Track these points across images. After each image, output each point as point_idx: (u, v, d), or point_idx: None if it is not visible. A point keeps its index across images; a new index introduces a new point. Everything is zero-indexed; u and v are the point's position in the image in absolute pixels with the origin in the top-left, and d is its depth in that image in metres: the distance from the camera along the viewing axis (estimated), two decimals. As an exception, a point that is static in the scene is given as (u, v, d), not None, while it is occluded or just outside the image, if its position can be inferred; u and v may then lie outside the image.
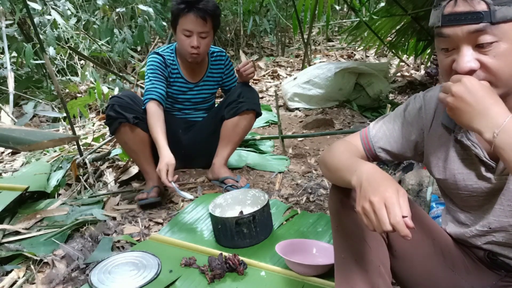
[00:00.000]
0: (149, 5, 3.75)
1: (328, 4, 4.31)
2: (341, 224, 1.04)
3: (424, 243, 1.08)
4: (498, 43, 0.82)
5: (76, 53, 3.74)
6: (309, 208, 1.96)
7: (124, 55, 3.81)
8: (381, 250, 1.02)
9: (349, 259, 1.02)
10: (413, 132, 1.06)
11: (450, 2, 0.84)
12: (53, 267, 1.57)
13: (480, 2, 0.81)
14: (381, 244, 1.03)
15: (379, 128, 1.11)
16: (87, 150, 2.53)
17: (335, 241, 1.07)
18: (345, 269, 1.03)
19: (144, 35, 3.67)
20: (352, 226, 1.02)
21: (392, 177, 0.88)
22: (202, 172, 2.36)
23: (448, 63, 0.88)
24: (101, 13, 3.75)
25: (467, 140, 0.95)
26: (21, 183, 2.06)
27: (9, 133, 0.74)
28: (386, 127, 1.10)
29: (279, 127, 2.62)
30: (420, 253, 1.07)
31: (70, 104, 2.66)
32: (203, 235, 1.77)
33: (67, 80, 3.79)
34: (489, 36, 0.82)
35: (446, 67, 0.89)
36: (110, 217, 1.92)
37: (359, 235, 1.01)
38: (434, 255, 1.08)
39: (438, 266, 1.07)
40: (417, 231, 1.04)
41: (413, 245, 1.06)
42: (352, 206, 0.99)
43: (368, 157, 1.11)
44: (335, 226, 1.06)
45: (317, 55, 5.62)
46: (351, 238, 1.03)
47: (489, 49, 0.83)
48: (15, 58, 3.72)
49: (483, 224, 0.99)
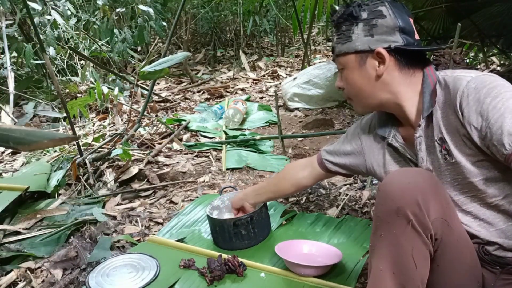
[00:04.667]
0: (149, 5, 3.75)
1: (328, 4, 4.31)
2: (390, 233, 0.97)
3: (466, 256, 1.05)
4: (343, 70, 1.16)
5: (76, 53, 3.74)
6: (309, 208, 1.96)
7: (124, 55, 3.81)
8: (425, 269, 0.98)
9: (387, 272, 0.97)
10: (350, 147, 1.37)
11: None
12: (53, 268, 1.57)
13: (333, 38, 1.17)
14: (427, 263, 0.99)
15: (333, 144, 1.46)
16: (87, 150, 2.53)
17: (376, 249, 1.01)
18: (379, 281, 0.98)
19: (144, 35, 3.67)
20: (402, 239, 0.96)
21: None
22: (202, 172, 2.36)
23: None
24: (101, 13, 3.75)
25: (396, 142, 1.17)
26: (21, 183, 2.06)
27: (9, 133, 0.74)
28: (336, 144, 1.44)
29: (279, 127, 2.62)
30: (463, 266, 1.04)
31: (70, 104, 2.65)
32: (201, 237, 1.77)
33: (67, 80, 3.79)
34: (338, 64, 1.17)
35: None
36: (110, 217, 1.92)
37: (407, 251, 0.95)
38: (473, 269, 1.06)
39: (473, 280, 1.06)
40: (462, 244, 1.04)
41: (458, 258, 1.03)
42: (408, 219, 0.95)
43: (319, 165, 1.49)
44: (381, 234, 0.99)
45: (317, 55, 5.62)
46: (397, 251, 0.97)
47: (342, 74, 1.17)
48: (15, 58, 3.73)
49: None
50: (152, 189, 2.21)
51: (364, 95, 1.14)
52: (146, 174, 2.30)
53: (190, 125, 3.11)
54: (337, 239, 1.67)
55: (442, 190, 1.03)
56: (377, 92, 1.12)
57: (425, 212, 0.95)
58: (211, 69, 5.24)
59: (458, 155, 1.02)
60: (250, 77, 4.67)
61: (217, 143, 2.76)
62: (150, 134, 2.91)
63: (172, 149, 2.69)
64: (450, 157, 1.04)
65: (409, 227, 0.94)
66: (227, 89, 4.24)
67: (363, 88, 1.13)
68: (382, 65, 1.09)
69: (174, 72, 4.95)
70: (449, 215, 1.01)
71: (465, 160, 1.02)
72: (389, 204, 0.98)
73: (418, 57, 1.11)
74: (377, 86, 1.11)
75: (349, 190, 2.06)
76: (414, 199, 0.95)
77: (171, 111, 3.66)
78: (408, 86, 1.10)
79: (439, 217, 0.97)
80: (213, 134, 2.98)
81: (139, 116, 2.93)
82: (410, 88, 1.10)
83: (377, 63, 1.09)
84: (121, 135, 2.68)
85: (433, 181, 1.01)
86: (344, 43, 1.12)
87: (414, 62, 1.10)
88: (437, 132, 1.05)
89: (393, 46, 1.07)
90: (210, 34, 5.62)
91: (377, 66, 1.09)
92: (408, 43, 1.07)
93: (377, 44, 1.07)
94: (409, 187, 0.96)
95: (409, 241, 0.95)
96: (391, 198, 0.98)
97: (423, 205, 0.95)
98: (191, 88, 4.37)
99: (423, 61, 1.12)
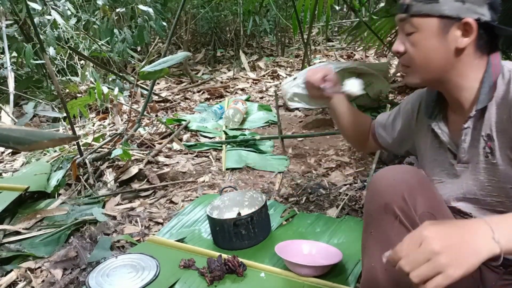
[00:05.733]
0: (149, 5, 3.75)
1: (328, 4, 4.31)
2: (379, 230, 0.99)
3: None
4: (415, 34, 0.99)
5: (76, 53, 3.74)
6: (309, 208, 1.96)
7: (124, 55, 3.80)
8: None
9: (379, 269, 0.97)
10: (400, 123, 1.24)
11: None
12: (53, 268, 1.57)
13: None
14: None
15: (384, 115, 1.32)
16: (87, 150, 2.53)
17: (367, 246, 1.02)
18: (373, 278, 0.99)
19: (144, 35, 3.67)
20: (392, 235, 0.96)
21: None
22: (202, 172, 2.36)
23: None
24: (101, 13, 3.74)
25: (438, 128, 1.08)
26: (21, 183, 2.07)
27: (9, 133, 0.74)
28: (386, 115, 1.32)
29: (279, 127, 2.62)
30: None
31: (70, 104, 2.65)
32: (201, 237, 1.77)
33: (67, 80, 3.79)
34: (409, 25, 0.99)
35: None
36: (110, 217, 1.92)
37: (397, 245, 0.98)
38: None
39: (468, 277, 1.04)
40: None
41: None
42: (396, 214, 0.96)
43: (372, 136, 1.34)
44: (371, 231, 1.01)
45: (317, 55, 5.61)
46: (387, 247, 0.95)
47: (410, 37, 0.99)
48: (15, 58, 3.72)
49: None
50: (152, 189, 2.21)
51: (431, 67, 0.99)
52: (146, 174, 2.30)
53: (190, 125, 3.11)
54: (337, 239, 1.67)
55: (429, 185, 1.04)
56: (447, 68, 0.99)
57: (411, 207, 0.97)
58: (211, 69, 5.24)
59: (501, 158, 0.96)
60: (250, 77, 4.67)
61: (217, 143, 2.76)
62: (150, 134, 2.91)
63: (172, 149, 2.69)
64: (492, 157, 0.97)
65: (397, 222, 0.96)
66: (227, 89, 4.24)
67: (434, 59, 0.98)
68: (465, 38, 0.95)
69: (174, 72, 4.95)
70: (437, 209, 1.01)
71: (506, 165, 0.96)
72: (377, 201, 1.00)
73: (495, 40, 0.99)
74: (450, 61, 0.98)
75: (349, 190, 2.06)
76: (400, 194, 0.97)
77: (171, 111, 3.66)
78: (474, 71, 0.99)
79: (425, 211, 0.98)
80: (213, 134, 2.98)
81: (139, 116, 2.93)
82: (474, 73, 0.99)
83: (460, 34, 0.95)
84: (121, 135, 2.68)
85: (419, 177, 1.02)
86: (428, 3, 0.95)
87: (488, 44, 0.98)
88: (487, 128, 0.97)
89: (483, 19, 0.94)
90: (210, 34, 5.62)
91: (459, 39, 0.95)
92: (493, 20, 0.96)
93: (467, 14, 0.93)
94: (395, 183, 0.99)
95: (398, 236, 0.95)
96: (379, 195, 1.00)
97: (409, 200, 0.96)
98: (191, 88, 4.37)
99: (494, 46, 1.00)
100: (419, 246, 0.71)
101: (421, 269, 0.70)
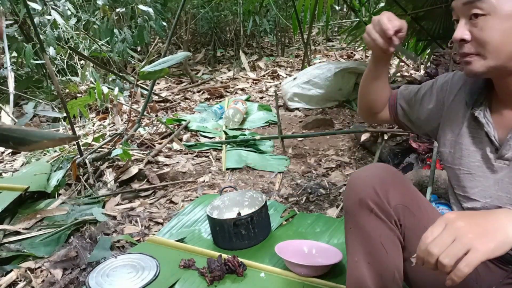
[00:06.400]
0: (149, 5, 3.75)
1: (328, 4, 4.31)
2: (357, 225, 1.02)
3: None
4: (486, 17, 0.88)
5: (76, 53, 3.74)
6: (308, 208, 1.96)
7: (124, 55, 3.80)
8: (397, 255, 1.00)
9: (362, 263, 0.99)
10: (432, 102, 1.13)
11: None
12: (53, 268, 1.58)
13: None
14: (397, 249, 1.00)
15: (410, 88, 1.19)
16: (87, 150, 2.53)
17: (349, 243, 1.04)
18: (357, 273, 1.00)
19: (144, 35, 3.67)
20: (369, 228, 0.99)
21: None
22: (202, 172, 2.36)
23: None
24: (101, 13, 3.74)
25: (483, 117, 0.99)
26: (21, 183, 2.07)
27: (9, 133, 0.74)
28: (413, 89, 1.18)
29: (279, 127, 2.62)
30: None
31: (70, 104, 2.65)
32: (201, 237, 1.77)
33: (67, 80, 3.79)
34: (478, 9, 0.88)
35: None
36: (110, 217, 1.92)
37: (375, 238, 0.99)
38: None
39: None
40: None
41: None
42: (370, 208, 0.98)
43: (389, 107, 1.21)
44: (350, 227, 1.03)
45: (317, 55, 5.61)
46: (366, 240, 1.00)
47: (478, 21, 0.88)
48: (15, 58, 3.72)
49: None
50: (152, 189, 2.21)
51: (505, 53, 0.89)
52: (146, 174, 2.30)
53: (190, 125, 3.11)
54: (337, 239, 1.67)
55: (403, 180, 1.06)
56: None
57: (384, 200, 0.98)
58: (211, 69, 5.24)
59: None
60: (250, 77, 4.67)
61: (217, 143, 2.76)
62: (150, 134, 2.91)
63: (172, 149, 2.69)
64: None
65: (372, 216, 0.98)
66: (227, 89, 4.24)
67: (507, 45, 0.89)
68: None
69: (174, 72, 4.94)
70: (411, 202, 1.03)
71: None
72: (353, 197, 1.02)
73: None
74: None
75: (349, 190, 2.06)
76: (373, 188, 0.99)
77: (171, 111, 3.66)
78: None
79: (399, 204, 1.00)
80: (213, 134, 2.98)
81: (139, 116, 2.93)
82: None
83: None
84: (121, 135, 2.68)
85: (392, 173, 1.04)
86: None
87: None
88: None
89: None
90: (210, 34, 5.62)
91: None
92: None
93: None
94: (367, 179, 1.02)
95: (375, 229, 0.99)
96: (354, 191, 1.03)
97: (381, 193, 0.99)
98: (191, 88, 4.37)
99: None
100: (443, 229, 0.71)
101: (449, 249, 0.69)
